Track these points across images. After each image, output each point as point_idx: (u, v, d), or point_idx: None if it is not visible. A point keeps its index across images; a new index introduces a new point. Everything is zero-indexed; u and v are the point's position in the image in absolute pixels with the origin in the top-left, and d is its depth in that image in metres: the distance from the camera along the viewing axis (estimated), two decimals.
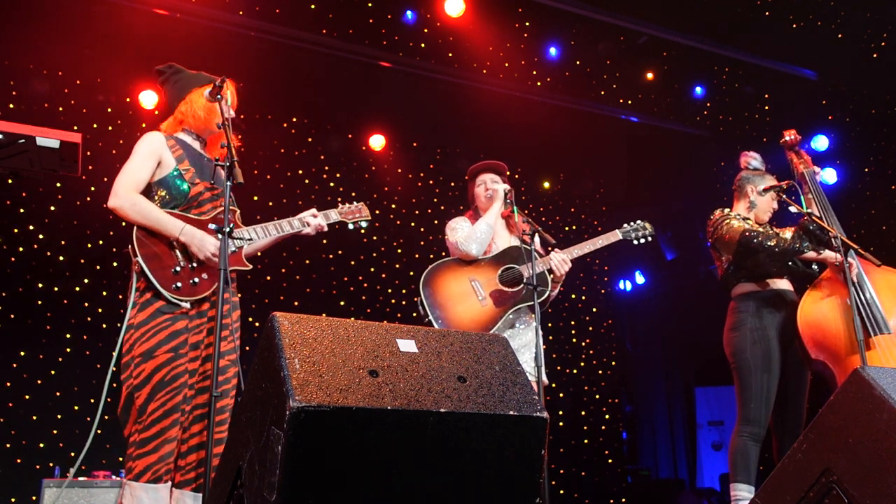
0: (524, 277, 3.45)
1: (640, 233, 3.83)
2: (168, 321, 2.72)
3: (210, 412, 2.45)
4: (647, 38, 6.37)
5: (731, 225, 3.71)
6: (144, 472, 2.62)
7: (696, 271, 8.10)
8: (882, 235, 5.58)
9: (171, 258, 2.78)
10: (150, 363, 2.68)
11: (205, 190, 2.92)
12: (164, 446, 2.65)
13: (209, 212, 2.92)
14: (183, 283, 2.76)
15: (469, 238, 3.53)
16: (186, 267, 2.79)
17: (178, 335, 2.73)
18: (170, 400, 2.67)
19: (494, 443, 1.77)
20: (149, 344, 2.69)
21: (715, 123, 7.29)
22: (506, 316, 3.43)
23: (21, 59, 5.65)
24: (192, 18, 5.56)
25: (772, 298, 3.68)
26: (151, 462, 2.63)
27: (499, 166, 3.77)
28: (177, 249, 2.80)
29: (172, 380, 2.69)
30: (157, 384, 2.67)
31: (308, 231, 3.14)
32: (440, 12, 5.95)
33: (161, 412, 2.66)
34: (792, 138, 4.08)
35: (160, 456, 2.64)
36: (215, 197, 2.95)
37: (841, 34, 6.11)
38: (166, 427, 2.66)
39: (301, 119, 6.73)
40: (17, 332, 5.42)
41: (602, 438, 7.53)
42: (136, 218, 2.78)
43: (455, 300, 3.47)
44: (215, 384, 2.48)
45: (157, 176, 2.89)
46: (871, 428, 1.95)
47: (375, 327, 1.85)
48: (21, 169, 2.46)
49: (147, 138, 2.93)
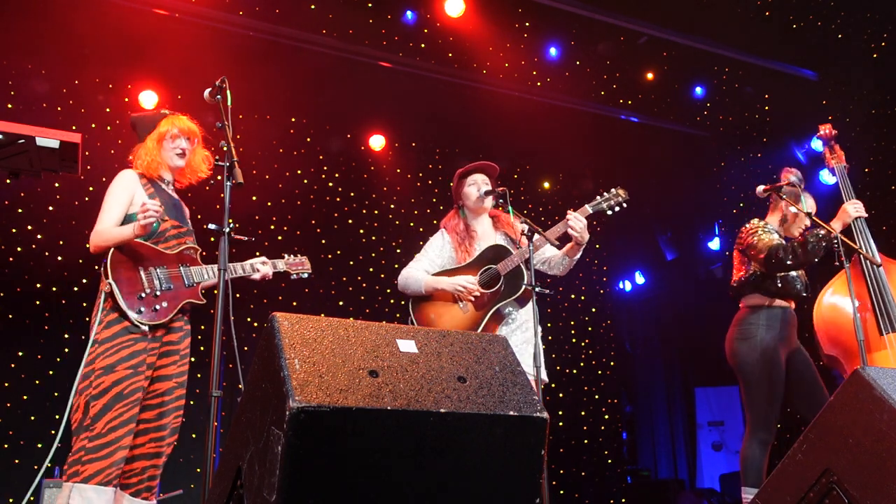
0: (501, 274, 3.47)
1: (613, 200, 3.59)
2: (131, 341, 3.00)
3: (211, 412, 2.48)
4: (647, 38, 6.37)
5: (761, 238, 3.78)
6: (96, 475, 2.86)
7: (696, 271, 8.11)
8: (882, 235, 5.57)
9: (138, 284, 3.05)
10: (111, 376, 2.94)
11: (171, 227, 3.21)
12: (118, 453, 2.90)
13: (174, 248, 3.20)
14: (146, 308, 3.04)
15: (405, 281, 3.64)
16: (151, 294, 3.06)
17: (139, 355, 3.00)
18: (127, 412, 2.94)
19: (494, 443, 1.77)
20: (111, 359, 2.96)
21: (715, 123, 7.28)
22: (486, 317, 3.45)
23: (21, 59, 5.65)
24: (192, 18, 5.56)
25: (780, 314, 3.75)
26: (104, 466, 2.87)
27: (491, 168, 3.77)
28: (143, 277, 3.07)
29: (130, 394, 2.95)
30: (115, 396, 2.93)
31: (255, 277, 3.36)
32: (440, 12, 5.95)
33: (118, 422, 2.92)
34: (827, 132, 4.12)
35: (113, 462, 2.89)
36: (181, 234, 3.25)
37: (841, 34, 6.11)
38: (121, 436, 2.92)
39: (300, 119, 6.73)
40: (15, 333, 5.41)
41: (602, 438, 7.53)
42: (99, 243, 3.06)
43: (440, 314, 3.55)
44: (215, 384, 2.51)
45: (131, 211, 3.15)
46: (871, 428, 1.94)
47: (375, 327, 1.85)
48: (21, 169, 2.45)
49: (120, 177, 3.23)
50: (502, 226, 3.76)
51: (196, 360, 5.87)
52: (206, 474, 2.40)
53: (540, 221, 7.20)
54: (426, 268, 3.65)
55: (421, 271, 3.64)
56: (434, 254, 3.71)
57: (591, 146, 7.40)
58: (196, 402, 5.75)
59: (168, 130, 3.28)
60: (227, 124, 2.80)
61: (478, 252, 3.62)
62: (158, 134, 3.29)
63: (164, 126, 3.30)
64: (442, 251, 3.70)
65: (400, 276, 3.69)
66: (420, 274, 3.62)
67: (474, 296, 3.48)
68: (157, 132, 3.29)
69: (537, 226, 3.34)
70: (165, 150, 3.29)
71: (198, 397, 5.75)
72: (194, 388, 5.73)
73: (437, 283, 3.55)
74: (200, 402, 5.77)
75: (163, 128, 3.29)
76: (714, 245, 7.89)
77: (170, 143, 3.28)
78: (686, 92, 7.06)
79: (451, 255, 3.67)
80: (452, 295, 3.52)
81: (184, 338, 3.22)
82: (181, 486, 4.84)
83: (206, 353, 5.87)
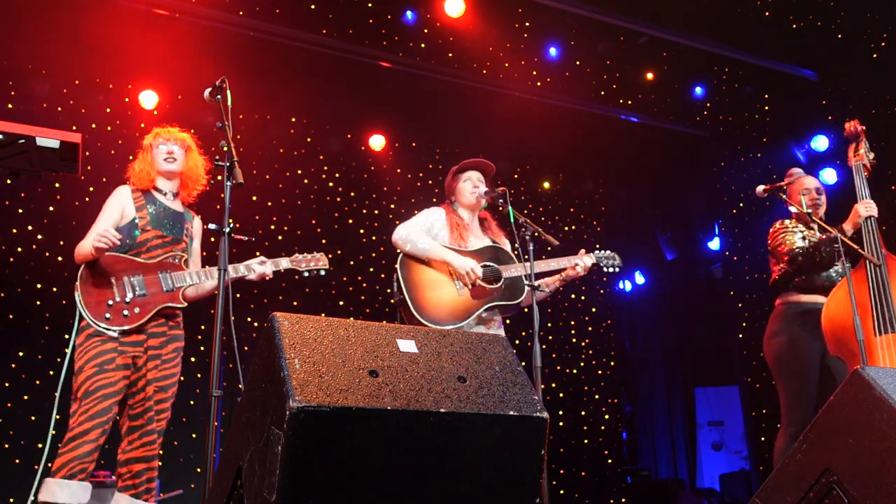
0: (503, 276, 3.49)
1: (612, 262, 3.82)
2: (97, 343, 3.12)
3: (211, 412, 2.48)
4: (647, 38, 6.37)
5: (785, 239, 3.85)
6: (61, 468, 2.94)
7: (696, 271, 8.11)
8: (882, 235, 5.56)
9: (107, 293, 3.16)
10: (80, 376, 3.10)
11: (154, 237, 3.29)
12: (83, 446, 2.96)
13: (158, 256, 3.28)
14: (113, 314, 3.14)
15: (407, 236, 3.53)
16: (121, 301, 3.16)
17: (105, 354, 3.10)
18: (93, 407, 3.02)
19: (494, 443, 1.77)
20: (80, 362, 3.13)
21: (715, 123, 7.28)
22: (480, 310, 3.46)
23: (21, 59, 5.64)
24: (192, 18, 5.56)
25: (812, 310, 3.77)
26: (68, 459, 2.94)
27: (487, 167, 3.76)
28: (114, 286, 3.17)
29: (96, 390, 3.05)
30: (84, 393, 3.05)
31: (252, 277, 3.36)
32: (440, 12, 5.95)
33: (84, 417, 3.01)
34: (853, 129, 4.09)
35: (76, 455, 2.95)
36: (166, 244, 3.31)
37: (841, 34, 6.11)
38: (88, 430, 2.98)
39: (300, 119, 6.73)
40: (15, 333, 5.41)
41: (602, 438, 7.53)
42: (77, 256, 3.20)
43: (431, 285, 3.48)
44: (215, 384, 2.51)
45: (121, 224, 3.28)
46: (871, 428, 1.94)
47: (375, 327, 1.85)
48: (21, 169, 2.45)
49: (113, 193, 3.36)
50: (490, 231, 3.78)
51: (196, 360, 5.89)
52: (206, 474, 2.40)
53: (540, 221, 7.21)
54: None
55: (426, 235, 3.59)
56: (429, 224, 3.63)
57: (591, 146, 7.41)
58: (196, 402, 5.77)
59: (153, 140, 3.41)
60: (227, 124, 2.81)
61: (471, 245, 3.61)
62: (145, 146, 3.43)
63: (147, 138, 3.45)
64: (439, 226, 3.64)
65: (400, 229, 3.58)
66: (427, 237, 3.56)
67: (475, 284, 3.47)
68: (143, 146, 3.44)
69: (537, 226, 3.36)
70: (155, 157, 3.39)
71: (198, 397, 5.76)
72: (194, 388, 5.78)
73: (446, 255, 3.49)
74: (200, 402, 5.77)
75: (147, 140, 3.44)
76: (714, 245, 7.88)
77: (156, 149, 3.38)
78: (686, 92, 7.05)
79: (444, 235, 3.62)
80: (454, 272, 3.48)
81: (167, 343, 3.28)
82: (181, 486, 4.85)
83: (206, 353, 5.87)
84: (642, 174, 7.76)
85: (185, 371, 5.27)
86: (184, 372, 3.42)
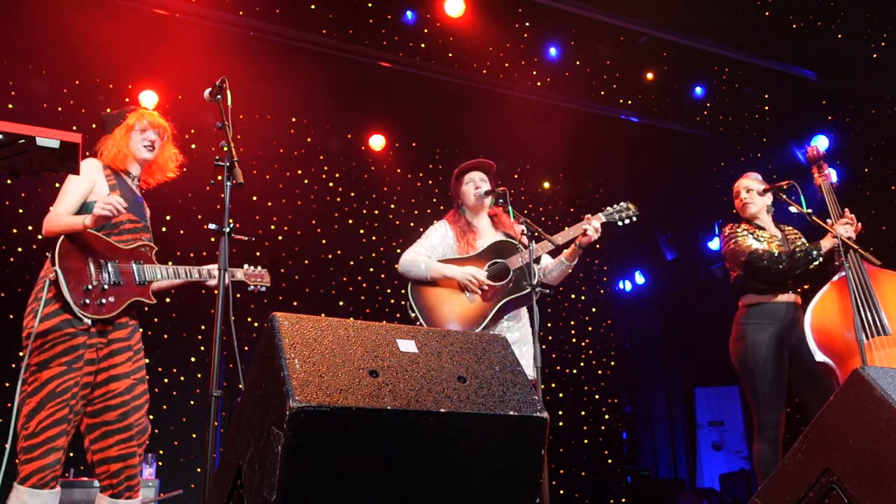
0: (511, 269, 3.49)
1: (624, 213, 3.64)
2: (68, 336, 2.90)
3: (211, 412, 2.46)
4: (647, 38, 6.37)
5: (739, 243, 3.85)
6: (31, 476, 2.78)
7: (696, 271, 8.10)
8: (882, 235, 5.57)
9: (85, 276, 2.94)
10: (45, 373, 2.87)
11: (127, 221, 3.10)
12: (52, 454, 2.81)
13: (129, 242, 3.10)
14: (91, 301, 2.92)
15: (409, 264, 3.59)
16: (98, 287, 2.95)
17: (76, 350, 2.90)
18: (59, 411, 2.84)
19: (494, 443, 1.77)
20: (46, 355, 2.89)
21: (715, 123, 7.28)
22: (494, 310, 3.46)
23: (21, 59, 5.65)
24: (192, 18, 5.56)
25: (773, 310, 3.79)
26: (38, 468, 2.79)
27: (488, 165, 3.78)
28: (92, 269, 2.96)
29: (63, 392, 2.86)
30: (48, 394, 2.84)
31: (211, 283, 3.27)
32: (440, 12, 5.95)
33: (50, 422, 2.82)
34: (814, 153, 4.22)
35: (47, 463, 2.80)
36: (137, 230, 3.15)
37: (841, 34, 6.11)
38: (54, 436, 2.82)
39: (300, 119, 6.73)
40: (15, 333, 5.40)
41: (602, 438, 7.53)
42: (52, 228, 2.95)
43: (443, 301, 3.52)
44: (215, 384, 2.50)
45: (90, 199, 3.05)
46: (871, 428, 1.94)
47: (375, 327, 1.85)
48: (21, 169, 2.44)
49: (83, 164, 3.03)
50: (502, 226, 3.77)
51: (196, 360, 5.89)
52: (206, 474, 2.40)
53: (540, 221, 7.21)
54: (426, 254, 3.64)
55: (425, 256, 3.62)
56: (436, 241, 3.69)
57: (592, 146, 7.41)
58: (196, 402, 5.77)
59: (137, 122, 3.20)
60: (227, 124, 2.80)
61: (481, 247, 3.63)
62: (126, 125, 3.20)
63: (132, 118, 3.22)
64: (444, 240, 3.70)
65: (402, 258, 3.65)
66: (426, 258, 3.60)
67: (482, 288, 3.49)
68: (125, 124, 3.20)
69: (537, 226, 3.35)
70: (133, 140, 3.20)
71: (198, 397, 5.77)
72: (194, 388, 5.78)
73: (446, 270, 3.54)
74: (200, 402, 5.78)
75: (131, 120, 3.21)
76: (714, 245, 7.88)
77: (138, 134, 3.19)
78: (686, 92, 7.05)
79: (452, 245, 3.67)
80: (459, 284, 3.51)
81: (133, 332, 3.11)
82: (181, 486, 4.84)
83: (206, 353, 5.87)
84: (642, 174, 7.75)
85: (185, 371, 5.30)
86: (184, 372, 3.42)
